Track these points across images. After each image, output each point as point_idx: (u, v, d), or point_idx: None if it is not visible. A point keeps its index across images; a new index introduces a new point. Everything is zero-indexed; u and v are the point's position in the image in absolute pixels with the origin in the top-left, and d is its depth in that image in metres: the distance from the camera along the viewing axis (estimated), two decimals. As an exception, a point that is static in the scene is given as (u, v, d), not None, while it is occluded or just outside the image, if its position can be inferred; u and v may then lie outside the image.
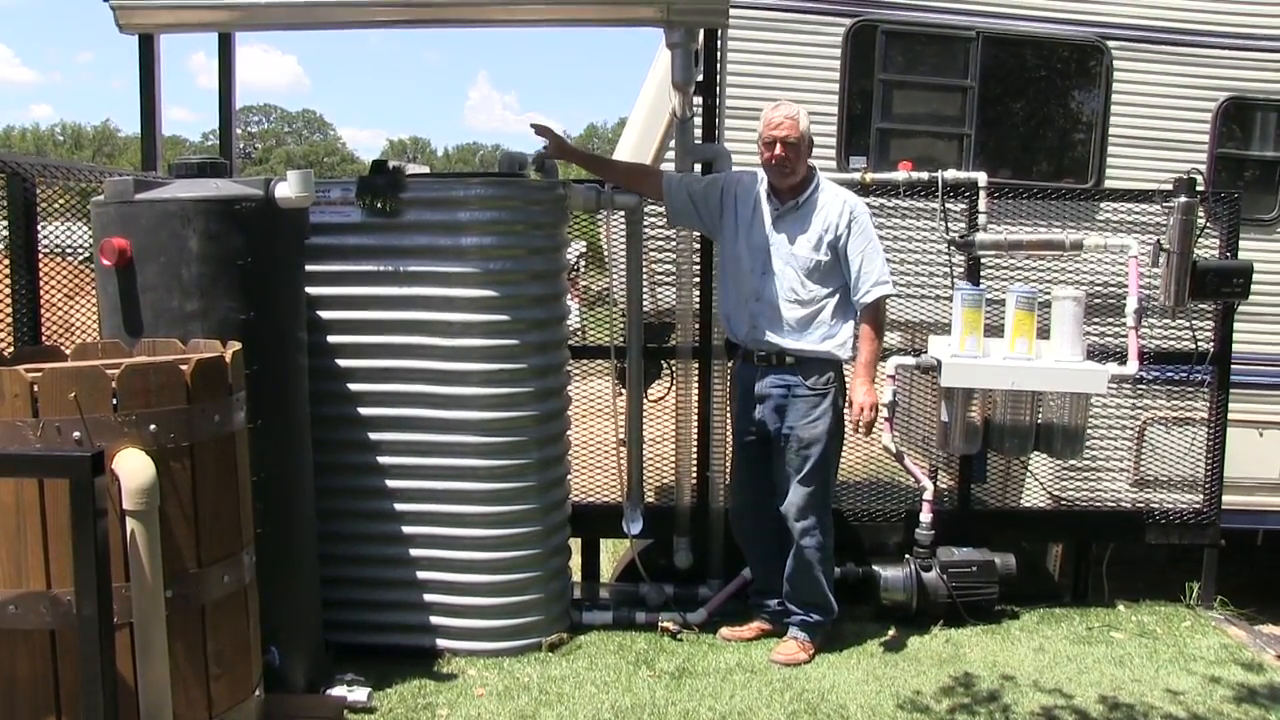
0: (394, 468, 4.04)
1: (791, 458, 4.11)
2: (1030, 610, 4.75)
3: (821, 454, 4.10)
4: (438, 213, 3.96)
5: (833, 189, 4.16)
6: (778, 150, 4.03)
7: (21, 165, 3.62)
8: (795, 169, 4.07)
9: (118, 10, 4.28)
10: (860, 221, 4.07)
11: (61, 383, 2.60)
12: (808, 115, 4.09)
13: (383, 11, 4.50)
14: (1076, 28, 6.42)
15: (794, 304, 4.07)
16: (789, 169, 4.06)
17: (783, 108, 4.09)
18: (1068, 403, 4.57)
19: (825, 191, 4.12)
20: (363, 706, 3.60)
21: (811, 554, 4.14)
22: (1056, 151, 6.89)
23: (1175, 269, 4.62)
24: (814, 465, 4.09)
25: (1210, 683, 4.03)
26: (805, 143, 4.06)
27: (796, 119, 4.03)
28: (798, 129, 4.02)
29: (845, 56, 6.34)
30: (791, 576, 4.22)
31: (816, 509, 4.14)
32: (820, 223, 4.06)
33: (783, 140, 4.02)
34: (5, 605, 2.61)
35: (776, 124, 4.03)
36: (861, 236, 4.06)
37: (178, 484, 2.74)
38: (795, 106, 4.11)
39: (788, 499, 4.14)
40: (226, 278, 3.30)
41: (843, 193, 4.15)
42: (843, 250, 4.06)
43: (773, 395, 4.13)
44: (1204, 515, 5.07)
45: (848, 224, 4.05)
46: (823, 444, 4.09)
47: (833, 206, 4.07)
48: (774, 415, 4.14)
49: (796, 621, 4.24)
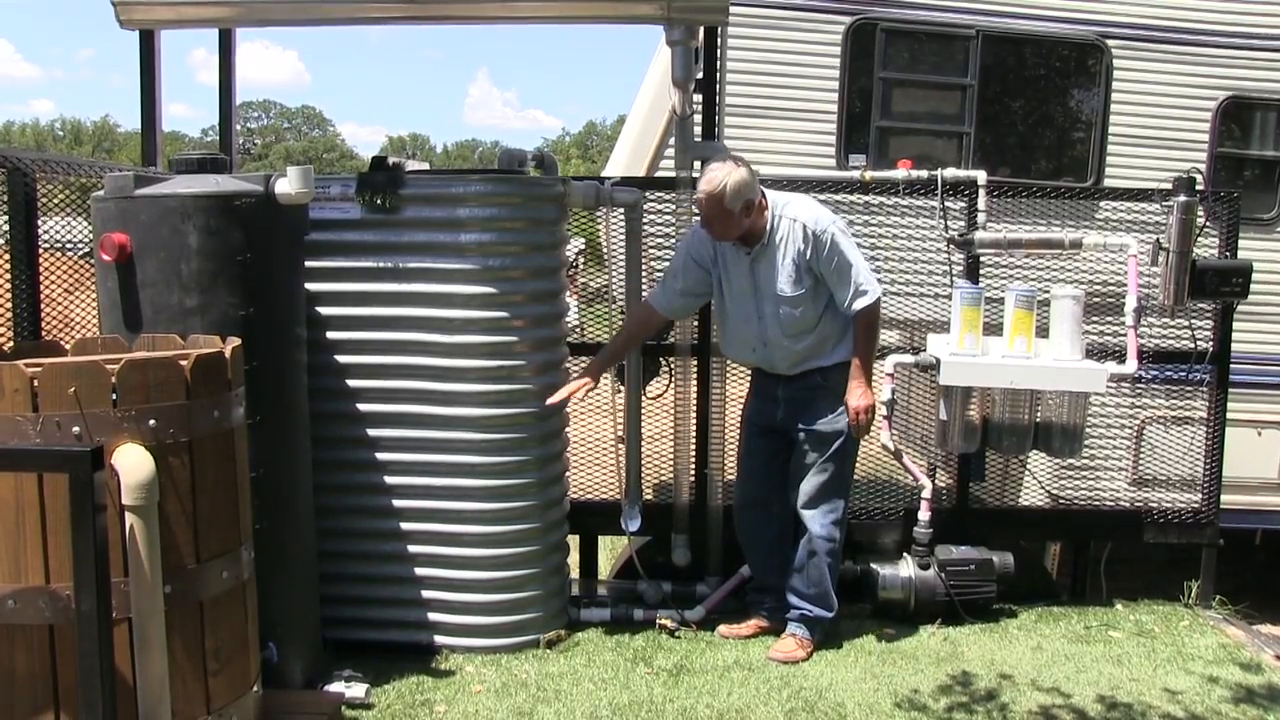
0: (392, 464, 4.05)
1: (809, 452, 4.12)
2: (1028, 609, 4.75)
3: (840, 448, 4.10)
4: (437, 209, 3.96)
5: (791, 213, 4.01)
6: (703, 221, 4.01)
7: (22, 160, 3.62)
8: (729, 233, 3.98)
9: (118, 6, 4.29)
10: (824, 239, 3.95)
11: (61, 378, 2.60)
12: (735, 178, 3.85)
13: (383, 8, 4.50)
14: (1076, 26, 6.42)
15: (796, 336, 4.05)
16: (722, 234, 4.00)
17: (705, 180, 3.90)
18: (1066, 401, 4.57)
19: (784, 220, 4.01)
20: (360, 703, 3.60)
21: (821, 544, 4.14)
22: (1056, 150, 6.89)
23: (1174, 268, 4.62)
24: (832, 459, 4.10)
25: (1208, 682, 4.03)
26: (736, 210, 3.89)
27: (718, 195, 3.85)
28: (720, 205, 3.86)
29: (845, 54, 6.35)
30: (799, 566, 4.22)
31: (831, 502, 4.14)
32: (790, 254, 3.99)
33: (705, 218, 3.98)
34: (4, 600, 2.61)
35: (697, 201, 3.97)
36: (831, 253, 3.96)
37: (177, 479, 2.75)
38: (718, 176, 3.86)
39: (802, 490, 4.14)
40: (226, 274, 3.30)
41: (801, 213, 4.01)
42: (818, 271, 4.00)
43: (794, 396, 4.13)
44: (1203, 515, 5.07)
45: (813, 247, 3.96)
46: (843, 438, 4.09)
47: (794, 235, 3.98)
48: (792, 412, 4.14)
49: (796, 617, 4.24)
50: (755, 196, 3.95)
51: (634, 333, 4.39)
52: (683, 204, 4.54)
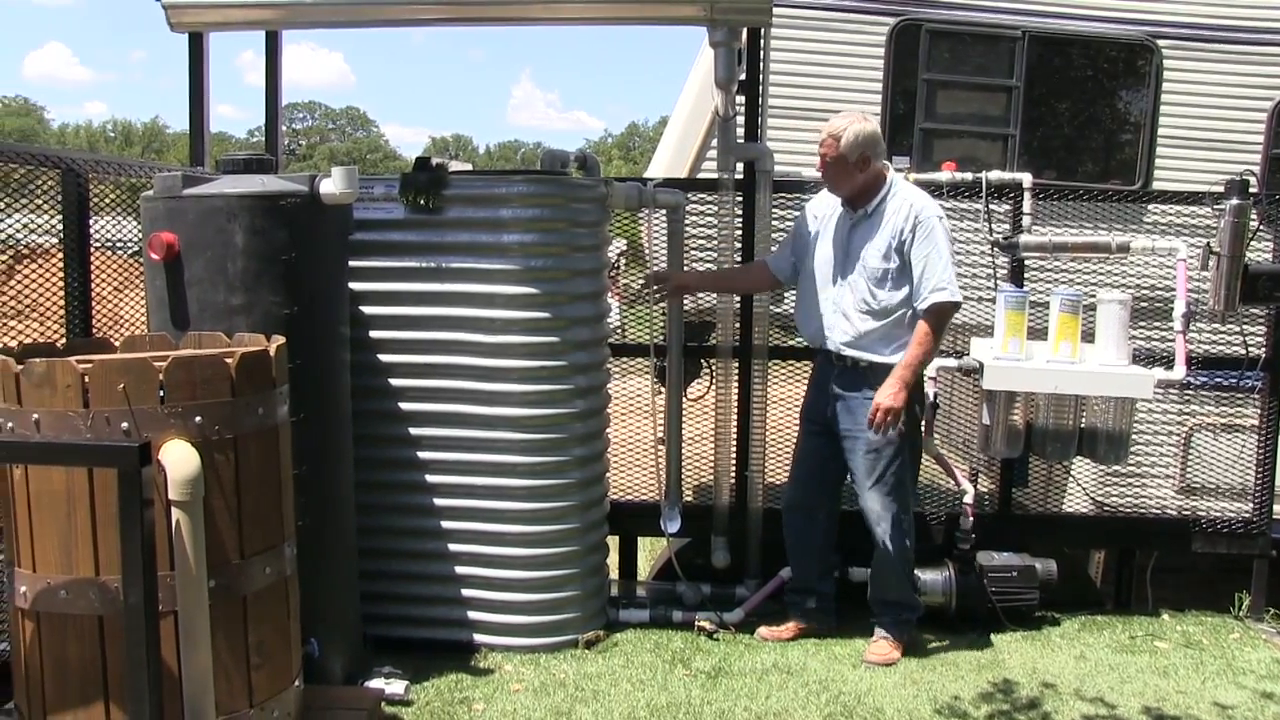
0: (434, 463, 4.07)
1: (861, 460, 4.09)
2: (1071, 617, 4.69)
3: (894, 455, 4.05)
4: (480, 210, 3.98)
5: (904, 194, 4.05)
6: (820, 165, 4.04)
7: (75, 161, 3.68)
8: (839, 185, 4.04)
9: (169, 9, 4.35)
10: (926, 226, 3.96)
11: (111, 375, 2.64)
12: (858, 127, 3.95)
13: (427, 9, 4.53)
14: (1125, 26, 6.34)
15: (866, 314, 4.03)
16: (832, 184, 4.06)
17: (831, 122, 4.01)
18: (1112, 407, 4.51)
19: (896, 197, 4.03)
20: (400, 699, 3.62)
21: (887, 554, 4.14)
22: (1103, 152, 6.81)
23: (1225, 272, 4.54)
24: (886, 467, 4.06)
25: (1262, 698, 3.94)
26: (851, 159, 3.95)
27: (838, 137, 3.95)
28: (836, 148, 3.95)
29: (889, 56, 6.31)
30: (874, 577, 4.25)
31: (893, 509, 4.10)
32: (889, 230, 3.99)
33: (821, 158, 4.02)
34: (56, 591, 2.66)
35: (821, 140, 4.02)
36: (926, 242, 3.95)
37: (221, 476, 2.78)
38: (843, 121, 3.98)
39: (868, 496, 4.12)
40: (271, 273, 3.34)
41: (912, 196, 4.04)
42: (907, 256, 3.97)
43: (846, 396, 4.10)
44: (1253, 525, 4.97)
45: (912, 229, 3.96)
46: (895, 445, 4.04)
47: (900, 213, 3.99)
48: (846, 414, 4.12)
49: (885, 621, 4.23)
50: (874, 155, 3.99)
51: (741, 275, 4.46)
52: (725, 205, 4.53)
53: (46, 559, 2.67)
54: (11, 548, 2.74)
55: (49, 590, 2.67)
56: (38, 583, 2.67)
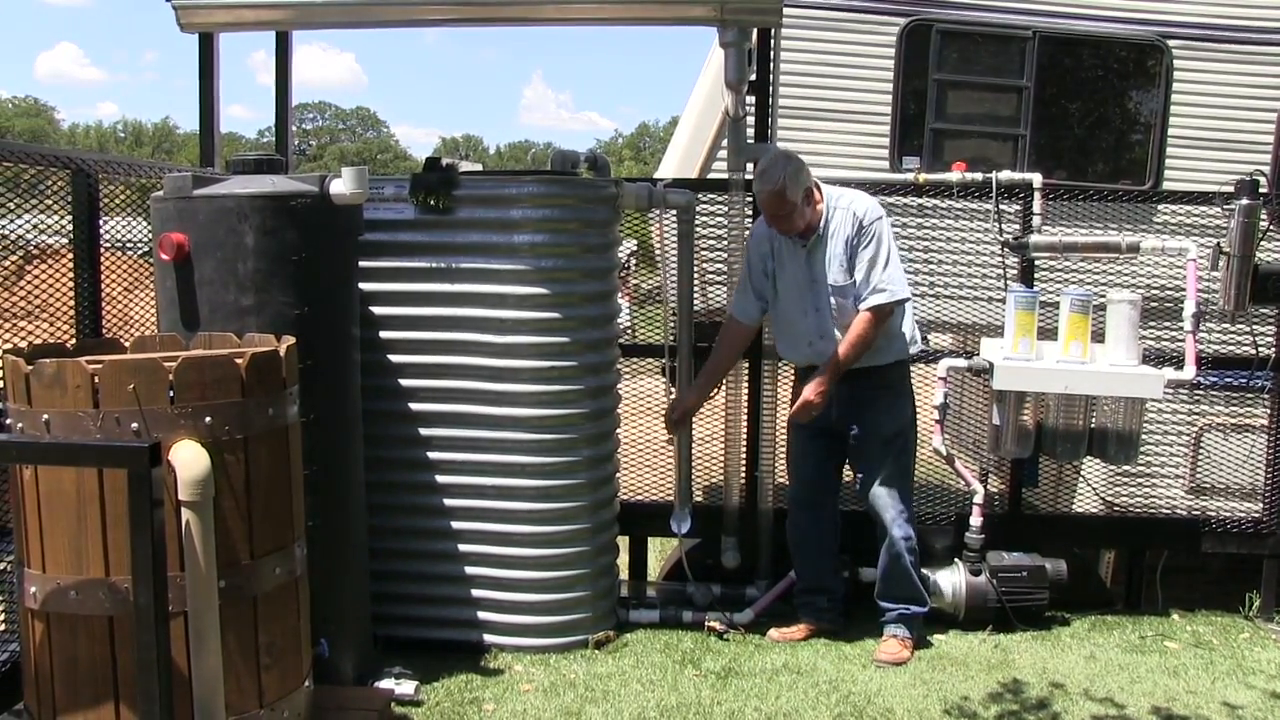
0: (444, 463, 4.08)
1: (874, 451, 4.13)
2: (1081, 617, 4.68)
3: (904, 444, 4.15)
4: (491, 210, 3.99)
5: (843, 203, 4.05)
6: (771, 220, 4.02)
7: (85, 161, 3.69)
8: (794, 225, 4.01)
9: (179, 10, 4.37)
10: (869, 231, 3.98)
11: (121, 375, 2.64)
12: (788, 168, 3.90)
13: (438, 10, 4.54)
14: (1136, 27, 6.32)
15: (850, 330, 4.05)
16: (787, 227, 4.03)
17: (762, 179, 3.95)
18: (1122, 407, 4.50)
19: (839, 210, 4.04)
20: (410, 700, 3.63)
21: (901, 545, 4.16)
22: (1113, 152, 6.78)
23: (1235, 273, 4.52)
24: (897, 456, 4.14)
25: (1271, 699, 3.93)
26: (800, 200, 3.94)
27: (781, 192, 3.90)
28: (784, 200, 3.92)
29: (899, 56, 6.30)
30: (885, 572, 4.25)
31: (903, 499, 4.17)
32: (840, 242, 4.01)
33: (774, 217, 4.00)
34: (67, 591, 2.66)
35: (762, 202, 3.99)
36: (870, 245, 3.98)
37: (232, 476, 2.79)
38: (774, 172, 3.92)
39: (874, 493, 4.15)
40: (281, 273, 3.34)
41: (852, 203, 4.05)
42: (857, 259, 4.00)
43: (849, 395, 4.10)
44: (1264, 525, 4.95)
45: (857, 233, 3.99)
46: (905, 434, 4.13)
47: (847, 223, 4.01)
48: (850, 412, 4.13)
49: (894, 618, 4.24)
50: (810, 182, 3.99)
51: (726, 350, 4.39)
52: (735, 206, 4.53)
53: (57, 560, 2.68)
54: (22, 548, 2.75)
55: (59, 591, 2.67)
56: (48, 583, 2.68)
